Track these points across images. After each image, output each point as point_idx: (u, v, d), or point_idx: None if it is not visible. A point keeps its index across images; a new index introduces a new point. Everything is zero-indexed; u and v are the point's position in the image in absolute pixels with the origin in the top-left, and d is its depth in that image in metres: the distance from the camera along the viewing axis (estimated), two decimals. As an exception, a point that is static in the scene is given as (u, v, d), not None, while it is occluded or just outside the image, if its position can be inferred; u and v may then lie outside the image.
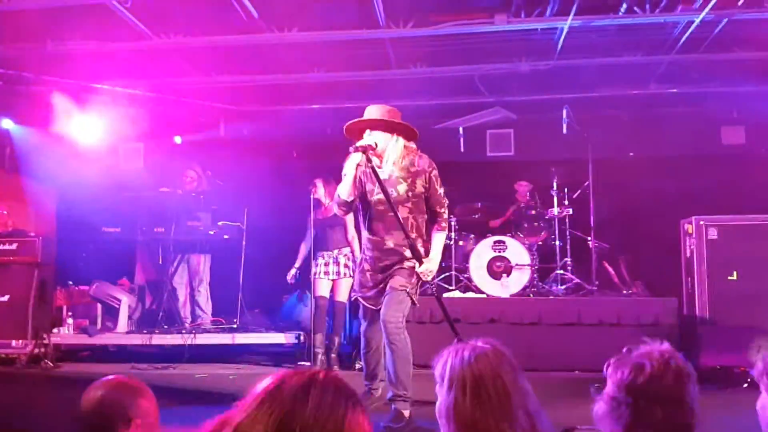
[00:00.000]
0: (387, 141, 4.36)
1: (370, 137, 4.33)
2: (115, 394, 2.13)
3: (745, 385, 5.49)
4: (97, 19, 6.47)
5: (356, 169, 4.32)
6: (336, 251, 6.69)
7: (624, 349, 1.95)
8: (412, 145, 4.48)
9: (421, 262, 4.32)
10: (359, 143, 4.27)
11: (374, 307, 4.45)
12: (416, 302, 4.44)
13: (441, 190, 4.50)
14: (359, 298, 4.53)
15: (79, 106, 8.15)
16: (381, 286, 4.41)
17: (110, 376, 2.21)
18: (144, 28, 6.56)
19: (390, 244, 4.38)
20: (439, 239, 4.52)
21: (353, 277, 5.11)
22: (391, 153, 4.36)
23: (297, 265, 7.01)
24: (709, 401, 5.18)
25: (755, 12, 6.06)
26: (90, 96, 7.93)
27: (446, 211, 4.56)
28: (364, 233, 4.49)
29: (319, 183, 6.80)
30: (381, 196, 4.30)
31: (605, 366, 1.94)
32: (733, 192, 7.71)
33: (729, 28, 6.59)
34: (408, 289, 4.33)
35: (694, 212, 6.69)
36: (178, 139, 9.21)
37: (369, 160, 4.23)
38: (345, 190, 4.34)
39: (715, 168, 8.27)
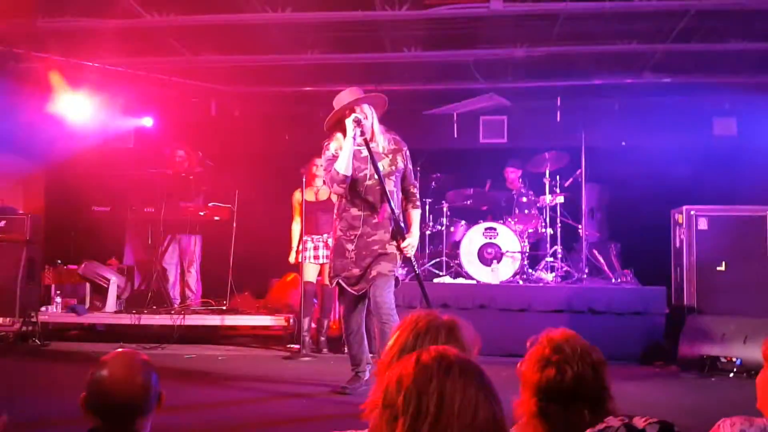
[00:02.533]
0: (371, 117, 4.47)
1: (360, 112, 4.40)
2: (142, 371, 1.98)
3: (731, 374, 5.53)
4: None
5: (353, 142, 4.35)
6: (326, 235, 6.67)
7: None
8: None
9: (403, 238, 4.44)
10: (355, 116, 4.33)
11: (357, 293, 4.46)
12: (398, 283, 4.59)
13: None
14: (341, 282, 4.52)
15: (70, 84, 8.07)
16: (366, 271, 4.42)
17: (126, 351, 2.06)
18: (136, 6, 6.48)
19: (378, 218, 4.42)
20: (416, 216, 4.70)
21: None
22: (375, 128, 4.50)
23: (295, 246, 6.97)
24: (692, 389, 5.23)
25: (752, 2, 6.05)
26: (80, 73, 7.84)
27: (418, 192, 4.76)
28: (351, 211, 4.48)
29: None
30: (369, 171, 4.40)
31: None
32: (723, 183, 7.74)
33: (724, 18, 6.59)
34: (395, 273, 4.49)
35: (685, 202, 6.72)
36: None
37: (363, 134, 4.31)
38: (343, 165, 4.37)
39: (706, 159, 8.29)
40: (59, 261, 7.93)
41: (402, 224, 4.47)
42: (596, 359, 1.85)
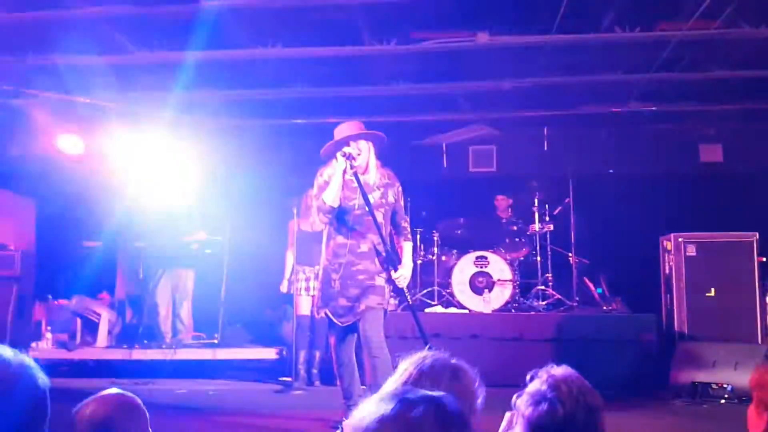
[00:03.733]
0: (367, 152, 4.55)
1: (355, 148, 4.47)
2: (117, 413, 1.99)
3: (722, 401, 5.54)
4: (77, 32, 6.46)
5: (343, 175, 4.40)
6: (317, 267, 6.65)
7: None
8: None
9: (395, 269, 4.47)
10: (346, 150, 4.42)
11: (342, 324, 4.46)
12: (386, 315, 4.58)
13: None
14: (328, 313, 4.52)
15: (60, 120, 8.11)
16: (354, 304, 4.43)
17: (107, 393, 2.07)
18: (126, 42, 6.55)
19: (364, 248, 4.48)
20: (408, 248, 4.74)
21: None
22: (370, 163, 4.57)
23: (287, 276, 6.95)
24: (683, 416, 5.22)
25: (732, 32, 6.17)
26: (71, 109, 7.88)
27: (409, 226, 4.82)
28: (337, 239, 4.52)
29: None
30: (358, 201, 4.45)
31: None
32: (711, 209, 7.82)
33: (707, 47, 6.71)
34: (384, 306, 4.48)
35: (673, 229, 6.78)
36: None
37: (352, 167, 4.40)
38: (332, 196, 4.43)
39: (693, 185, 8.38)
40: (50, 296, 7.90)
41: (392, 256, 4.49)
42: (592, 403, 1.82)
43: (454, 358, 1.86)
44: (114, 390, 2.10)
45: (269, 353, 7.03)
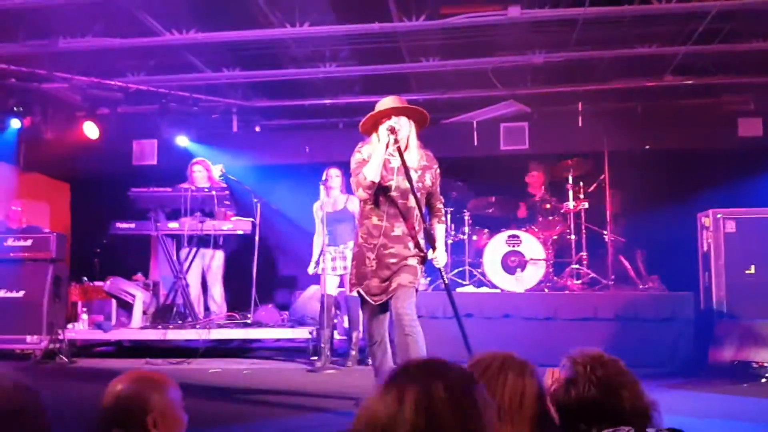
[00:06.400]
0: (408, 129, 4.37)
1: (397, 122, 4.29)
2: (132, 387, 2.06)
3: (764, 380, 5.42)
4: (108, 16, 6.49)
5: (385, 149, 4.28)
6: (342, 246, 6.63)
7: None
8: None
9: (433, 249, 4.39)
10: (390, 123, 4.25)
11: (375, 303, 4.42)
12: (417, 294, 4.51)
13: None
14: (361, 292, 4.48)
15: (92, 103, 8.18)
16: (386, 283, 4.38)
17: (135, 371, 2.14)
18: (155, 24, 6.56)
19: (398, 231, 4.38)
20: (441, 230, 4.60)
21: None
22: (412, 142, 4.38)
23: (315, 258, 6.94)
24: (723, 396, 5.11)
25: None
26: (102, 93, 7.95)
27: (443, 207, 4.67)
28: (372, 220, 4.44)
29: (338, 173, 6.75)
30: (395, 183, 4.33)
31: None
32: (750, 185, 7.62)
33: (747, 18, 6.50)
34: (416, 285, 4.40)
35: (711, 205, 6.62)
36: (183, 141, 9.13)
37: (396, 141, 4.23)
38: (373, 170, 4.27)
39: (732, 160, 8.16)
40: (85, 278, 8.01)
41: (429, 237, 4.41)
42: (608, 381, 1.85)
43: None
44: (134, 370, 2.16)
45: (302, 333, 7.04)
